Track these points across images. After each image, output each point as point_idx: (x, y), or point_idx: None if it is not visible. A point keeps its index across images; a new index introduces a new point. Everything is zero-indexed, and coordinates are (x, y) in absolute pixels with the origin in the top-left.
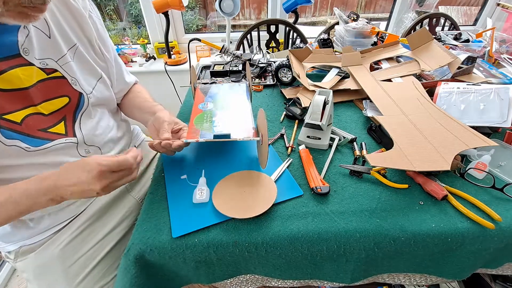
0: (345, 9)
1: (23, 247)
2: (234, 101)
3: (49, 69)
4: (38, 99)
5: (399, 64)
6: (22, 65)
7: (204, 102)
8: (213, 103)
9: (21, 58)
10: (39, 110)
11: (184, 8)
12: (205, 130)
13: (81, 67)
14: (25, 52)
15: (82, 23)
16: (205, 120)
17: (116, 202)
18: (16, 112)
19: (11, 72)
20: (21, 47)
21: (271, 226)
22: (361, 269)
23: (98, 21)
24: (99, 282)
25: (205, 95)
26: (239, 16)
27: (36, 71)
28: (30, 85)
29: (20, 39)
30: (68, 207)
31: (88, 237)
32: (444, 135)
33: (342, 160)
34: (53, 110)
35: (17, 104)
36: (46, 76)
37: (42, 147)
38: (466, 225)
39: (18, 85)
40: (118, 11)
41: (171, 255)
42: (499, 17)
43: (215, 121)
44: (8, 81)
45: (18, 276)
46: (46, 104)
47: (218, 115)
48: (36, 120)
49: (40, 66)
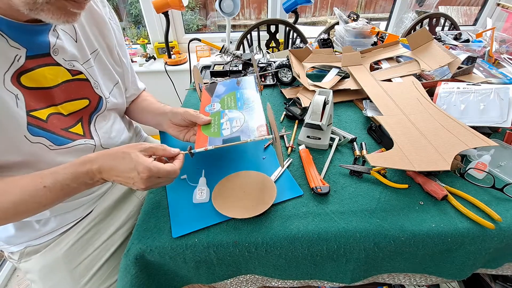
0: (345, 9)
1: (28, 248)
2: (243, 96)
3: (75, 71)
4: (60, 99)
5: (399, 64)
6: (50, 64)
7: (211, 104)
8: (220, 103)
9: (50, 57)
10: (59, 110)
11: (184, 8)
12: (213, 136)
13: (101, 72)
14: (55, 52)
15: (103, 30)
16: (213, 124)
17: (121, 202)
18: (41, 110)
19: (38, 71)
20: (52, 48)
21: (271, 226)
22: (361, 269)
23: (117, 28)
24: (105, 283)
25: (211, 95)
26: (239, 16)
27: (63, 71)
28: (54, 85)
29: (51, 41)
30: (76, 209)
31: (93, 238)
32: (444, 135)
33: (342, 160)
34: (72, 111)
35: (41, 102)
36: (71, 77)
37: (64, 146)
38: (466, 225)
39: (43, 84)
40: (118, 11)
41: (171, 255)
42: (499, 17)
43: (223, 123)
44: (35, 79)
45: (18, 276)
46: (67, 105)
47: (227, 115)
48: (58, 119)
49: (68, 67)
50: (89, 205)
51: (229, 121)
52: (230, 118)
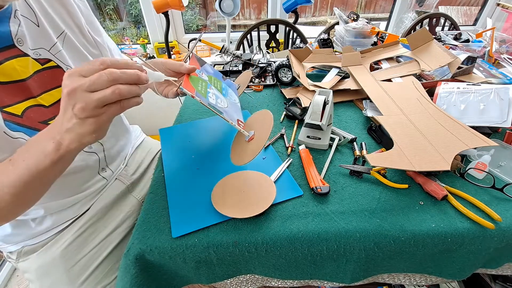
0: (345, 9)
1: (25, 247)
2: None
3: (43, 59)
4: (37, 91)
5: (399, 64)
6: (18, 56)
7: (200, 70)
8: (207, 78)
9: (16, 49)
10: (39, 102)
11: (184, 8)
12: (200, 94)
13: (71, 55)
14: (19, 42)
15: (69, 8)
16: (200, 86)
17: (118, 202)
18: (16, 104)
19: (7, 64)
20: (15, 38)
21: (271, 226)
22: (361, 269)
23: (82, 4)
24: (102, 282)
25: (200, 66)
26: (239, 16)
27: (32, 62)
28: (27, 77)
29: (13, 30)
30: (70, 207)
31: (90, 237)
32: (444, 135)
33: (342, 160)
34: (53, 101)
35: (16, 96)
36: (41, 66)
37: None
38: (466, 225)
39: (15, 77)
40: (118, 11)
41: (171, 255)
42: (499, 17)
43: (210, 92)
44: (5, 73)
45: (18, 276)
46: (46, 96)
47: (213, 90)
48: (36, 112)
49: (34, 56)
50: (84, 203)
51: (214, 96)
52: (216, 95)
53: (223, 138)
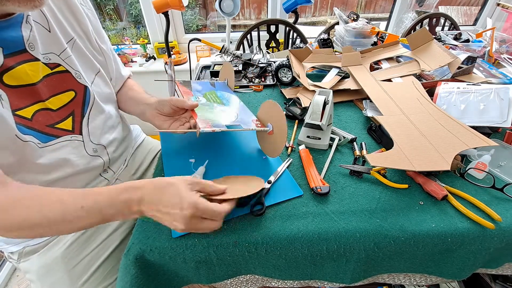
0: (345, 9)
1: (27, 248)
2: (223, 95)
3: (53, 64)
4: (45, 95)
5: (399, 64)
6: (29, 60)
7: (195, 96)
8: (204, 98)
9: (27, 53)
10: (47, 105)
11: (184, 8)
12: (215, 121)
13: (79, 60)
14: (31, 47)
15: (77, 16)
16: (208, 112)
17: None
18: (26, 108)
19: (19, 68)
20: (26, 42)
21: (271, 226)
22: (361, 269)
23: (91, 13)
24: (103, 282)
25: (190, 90)
26: (239, 16)
27: (42, 66)
28: (37, 81)
29: (24, 35)
30: None
31: (91, 238)
32: (444, 135)
33: (342, 160)
34: (61, 105)
35: (26, 100)
36: (51, 71)
37: (49, 143)
38: (466, 225)
39: (26, 81)
40: (118, 11)
41: (171, 255)
42: (499, 17)
43: (220, 112)
44: (17, 77)
45: (18, 276)
46: (54, 99)
47: (217, 108)
48: (45, 116)
49: (44, 61)
50: None
51: (222, 112)
52: (222, 110)
53: (223, 138)
